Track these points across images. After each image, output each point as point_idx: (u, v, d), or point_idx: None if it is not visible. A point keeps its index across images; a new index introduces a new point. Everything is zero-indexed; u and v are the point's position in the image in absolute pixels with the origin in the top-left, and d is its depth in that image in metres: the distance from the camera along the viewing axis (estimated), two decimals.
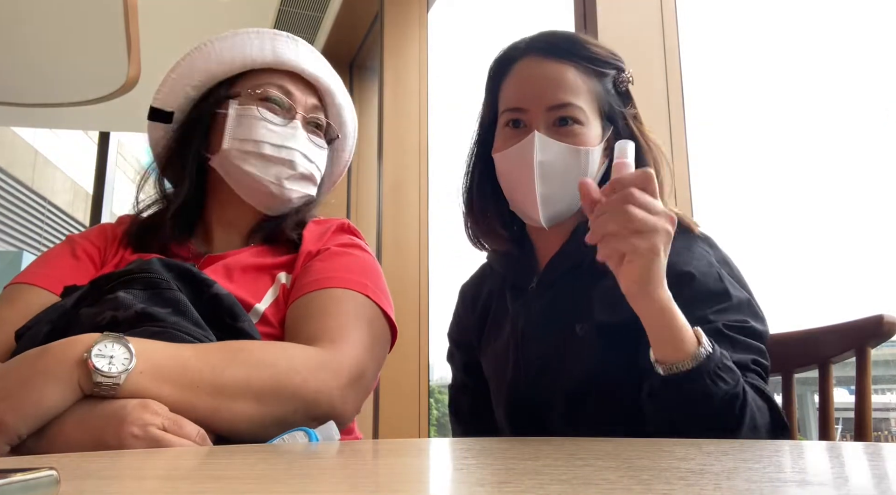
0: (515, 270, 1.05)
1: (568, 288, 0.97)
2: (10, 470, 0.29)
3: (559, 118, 0.94)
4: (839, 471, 0.42)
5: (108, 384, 0.68)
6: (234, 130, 1.00)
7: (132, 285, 0.82)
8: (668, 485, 0.36)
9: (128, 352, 0.69)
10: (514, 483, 0.38)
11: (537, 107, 0.94)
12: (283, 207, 1.04)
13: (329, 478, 0.44)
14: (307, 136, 1.04)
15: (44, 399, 0.67)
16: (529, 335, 0.99)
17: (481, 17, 3.79)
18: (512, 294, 1.04)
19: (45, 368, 0.68)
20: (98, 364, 0.68)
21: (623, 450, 0.53)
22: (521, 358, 0.99)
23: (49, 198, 5.58)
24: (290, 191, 1.02)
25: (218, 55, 1.03)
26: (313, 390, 0.78)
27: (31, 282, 0.94)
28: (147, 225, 1.04)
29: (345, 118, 1.13)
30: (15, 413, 0.66)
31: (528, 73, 0.97)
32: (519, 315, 1.01)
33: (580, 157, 0.94)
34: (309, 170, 1.03)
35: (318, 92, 1.08)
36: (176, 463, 0.52)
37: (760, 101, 2.12)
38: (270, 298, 0.94)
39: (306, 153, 1.03)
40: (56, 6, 2.71)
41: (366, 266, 0.99)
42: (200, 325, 0.81)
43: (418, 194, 2.79)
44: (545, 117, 0.94)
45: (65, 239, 1.03)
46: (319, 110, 1.07)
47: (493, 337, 1.07)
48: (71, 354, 0.69)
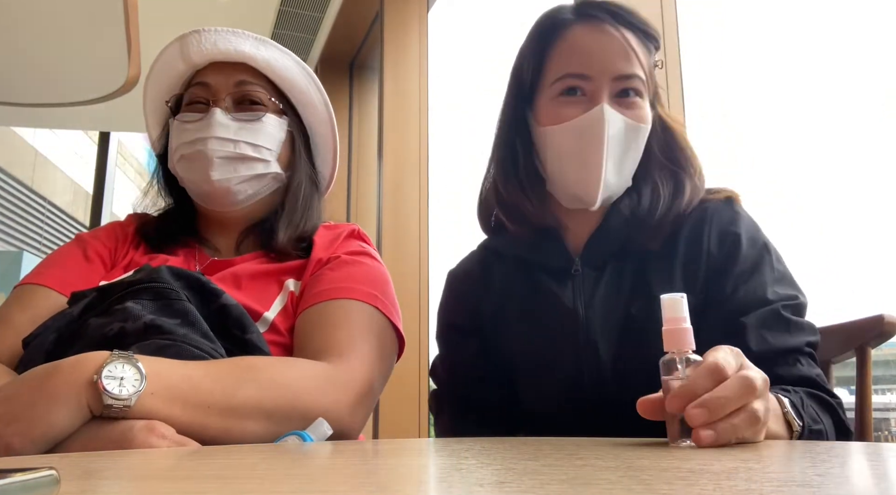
0: (548, 253, 0.96)
1: (618, 269, 0.92)
2: (10, 470, 0.29)
3: (622, 89, 0.87)
4: (839, 471, 0.42)
5: (119, 406, 0.66)
6: (171, 144, 1.02)
7: (141, 295, 0.81)
8: (668, 485, 0.36)
9: (138, 372, 0.68)
10: (514, 483, 0.38)
11: (602, 75, 0.87)
12: (234, 199, 1.00)
13: (329, 478, 0.44)
14: (225, 117, 0.98)
15: (53, 422, 0.65)
16: (592, 319, 0.91)
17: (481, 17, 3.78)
18: (552, 278, 0.95)
19: (54, 390, 0.66)
20: (108, 386, 0.66)
21: (623, 450, 0.53)
22: (587, 343, 0.91)
23: (49, 198, 5.58)
24: (225, 181, 0.98)
25: (156, 79, 1.07)
26: (323, 409, 0.78)
27: (43, 283, 0.93)
28: (157, 224, 1.05)
29: (292, 77, 1.05)
30: (23, 437, 0.64)
31: (590, 38, 0.88)
32: (572, 299, 0.93)
33: (639, 135, 0.88)
34: (237, 151, 0.98)
35: (250, 68, 1.03)
36: (176, 463, 0.52)
37: (760, 101, 2.12)
38: (279, 306, 0.94)
39: (223, 135, 0.97)
40: (56, 6, 2.71)
41: (376, 276, 0.98)
42: (209, 337, 0.80)
43: (418, 194, 2.79)
44: (609, 87, 0.87)
45: (74, 238, 1.03)
46: (248, 83, 1.02)
47: (526, 323, 0.97)
48: (80, 375, 0.67)
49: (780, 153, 1.56)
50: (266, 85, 1.04)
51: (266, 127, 1.01)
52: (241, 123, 0.99)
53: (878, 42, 1.66)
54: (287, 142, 1.05)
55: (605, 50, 0.87)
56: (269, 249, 1.01)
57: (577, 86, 0.88)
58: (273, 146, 1.02)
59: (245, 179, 0.99)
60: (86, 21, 2.80)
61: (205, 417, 0.71)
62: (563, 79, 0.89)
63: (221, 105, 1.00)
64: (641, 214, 0.90)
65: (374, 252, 1.04)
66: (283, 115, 1.04)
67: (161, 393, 0.69)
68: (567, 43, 0.90)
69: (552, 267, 0.96)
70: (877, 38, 1.64)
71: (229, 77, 1.02)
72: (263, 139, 1.01)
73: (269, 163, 1.02)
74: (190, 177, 1.00)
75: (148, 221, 1.06)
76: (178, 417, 0.69)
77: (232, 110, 1.00)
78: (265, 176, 1.02)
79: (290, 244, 1.00)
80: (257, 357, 0.82)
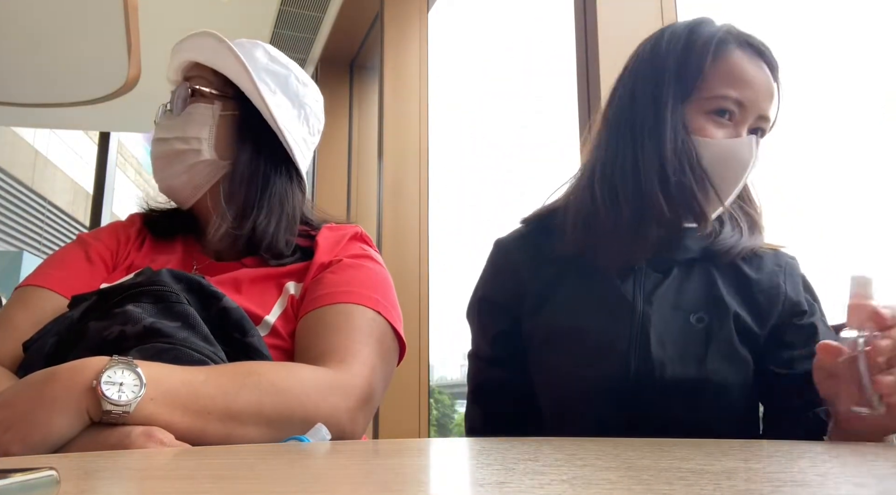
0: (621, 252, 0.96)
1: (684, 275, 0.95)
2: (9, 470, 0.29)
3: (757, 128, 0.94)
4: (839, 471, 0.42)
5: (118, 412, 0.66)
6: None
7: (141, 298, 0.81)
8: (669, 485, 0.36)
9: (137, 378, 0.67)
10: (514, 483, 0.38)
11: (753, 107, 0.92)
12: (182, 195, 1.02)
13: (329, 478, 0.44)
14: (163, 118, 1.01)
15: (52, 428, 0.65)
16: (649, 314, 0.92)
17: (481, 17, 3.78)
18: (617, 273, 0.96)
19: (53, 396, 0.66)
20: (107, 391, 0.66)
21: (623, 450, 0.53)
22: (642, 334, 0.92)
23: (49, 198, 5.58)
24: (167, 179, 1.01)
25: None
26: (324, 415, 0.77)
27: (45, 284, 0.93)
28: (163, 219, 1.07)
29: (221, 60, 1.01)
30: (22, 443, 0.64)
31: (752, 70, 0.92)
32: (632, 291, 0.94)
33: (747, 174, 0.93)
34: (170, 148, 0.99)
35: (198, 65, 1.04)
36: (176, 463, 0.52)
37: None
38: (279, 310, 0.93)
39: (160, 135, 1.00)
40: (56, 6, 2.71)
41: (377, 280, 0.97)
42: (209, 341, 0.80)
43: (418, 194, 2.79)
44: (752, 122, 0.93)
45: (76, 238, 1.02)
46: (192, 78, 1.02)
47: (579, 304, 0.96)
48: (79, 381, 0.66)
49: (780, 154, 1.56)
50: (210, 77, 1.02)
51: (192, 116, 1.00)
52: (173, 120, 1.01)
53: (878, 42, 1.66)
54: (223, 128, 1.00)
55: (762, 86, 0.92)
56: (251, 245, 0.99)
57: (730, 109, 0.92)
58: (202, 134, 0.99)
59: (182, 173, 1.00)
60: (86, 21, 2.81)
61: (205, 423, 0.71)
62: (720, 98, 0.92)
63: (168, 107, 1.03)
64: (719, 241, 0.96)
65: (377, 255, 1.03)
66: (214, 101, 1.01)
67: (161, 398, 0.69)
68: (729, 65, 0.92)
69: (619, 264, 0.97)
70: (877, 38, 1.64)
71: (180, 74, 1.06)
72: (192, 129, 0.99)
73: (200, 151, 0.99)
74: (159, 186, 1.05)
75: (151, 216, 1.07)
76: (177, 423, 0.69)
77: (170, 106, 1.03)
78: (198, 164, 0.99)
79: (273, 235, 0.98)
80: (258, 362, 0.82)
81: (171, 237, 1.05)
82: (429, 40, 2.99)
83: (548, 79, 4.00)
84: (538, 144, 4.49)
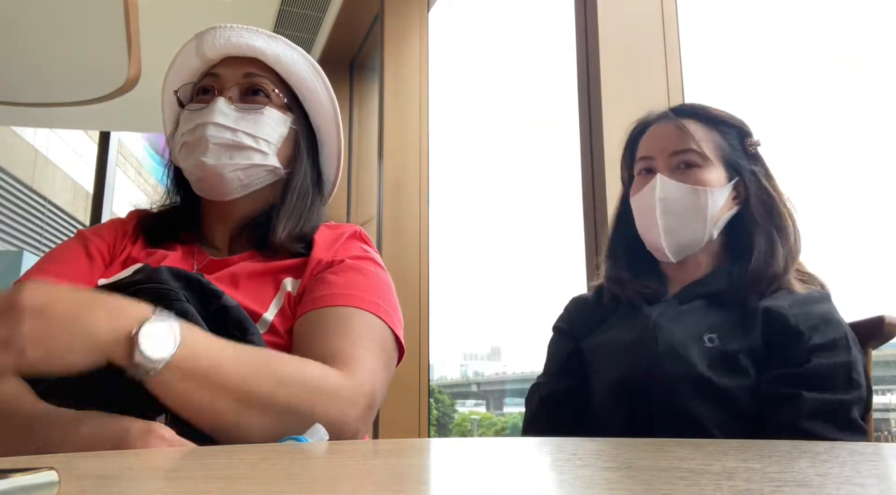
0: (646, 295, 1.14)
1: (699, 306, 1.07)
2: (9, 470, 0.29)
3: (680, 162, 1.10)
4: (839, 471, 0.42)
5: (147, 367, 0.66)
6: (176, 134, 1.03)
7: (140, 296, 0.81)
8: (669, 485, 0.36)
9: (173, 339, 0.68)
10: (515, 483, 0.38)
11: (661, 153, 1.11)
12: (227, 187, 1.00)
13: (329, 478, 0.44)
14: (227, 106, 0.99)
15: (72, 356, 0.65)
16: (661, 324, 1.06)
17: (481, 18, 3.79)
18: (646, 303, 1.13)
19: (93, 324, 0.66)
20: (143, 344, 0.66)
21: (623, 450, 0.53)
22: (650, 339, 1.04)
23: (49, 197, 5.58)
24: (218, 167, 0.98)
25: (173, 75, 1.08)
26: (332, 418, 0.77)
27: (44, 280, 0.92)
28: (158, 219, 1.05)
29: (300, 72, 1.06)
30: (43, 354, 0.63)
31: (656, 130, 1.15)
32: (651, 313, 1.09)
33: (699, 196, 1.08)
34: (234, 140, 0.98)
35: (258, 61, 1.04)
36: (176, 463, 0.52)
37: (759, 100, 2.12)
38: (276, 307, 0.93)
39: (223, 122, 0.98)
40: (56, 6, 2.71)
41: (379, 283, 0.97)
42: None
43: (418, 194, 2.79)
44: (668, 162, 1.11)
45: (76, 234, 1.02)
46: (255, 75, 1.03)
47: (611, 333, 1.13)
48: (120, 322, 0.67)
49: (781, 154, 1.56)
50: (275, 80, 1.04)
51: (267, 119, 1.01)
52: (242, 113, 1.00)
53: (878, 43, 1.66)
54: (289, 139, 1.05)
55: (664, 134, 1.13)
56: (263, 247, 1.00)
57: (648, 166, 1.13)
58: (273, 139, 1.02)
59: (239, 168, 0.99)
60: (86, 21, 2.81)
61: (218, 399, 0.71)
62: (638, 162, 1.16)
63: (227, 95, 1.00)
64: (740, 272, 1.06)
65: (377, 256, 1.03)
66: (287, 111, 1.04)
67: (181, 365, 0.69)
68: (646, 136, 1.17)
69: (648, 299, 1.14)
70: (878, 39, 1.64)
71: (238, 69, 1.03)
72: (263, 131, 1.01)
73: (267, 155, 1.01)
74: (187, 164, 1.00)
75: (149, 216, 1.06)
76: (192, 393, 0.70)
77: (237, 101, 1.01)
78: (260, 167, 1.01)
79: (287, 242, 0.99)
80: (278, 352, 0.82)
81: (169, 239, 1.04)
82: (429, 40, 2.99)
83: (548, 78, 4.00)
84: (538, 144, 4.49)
